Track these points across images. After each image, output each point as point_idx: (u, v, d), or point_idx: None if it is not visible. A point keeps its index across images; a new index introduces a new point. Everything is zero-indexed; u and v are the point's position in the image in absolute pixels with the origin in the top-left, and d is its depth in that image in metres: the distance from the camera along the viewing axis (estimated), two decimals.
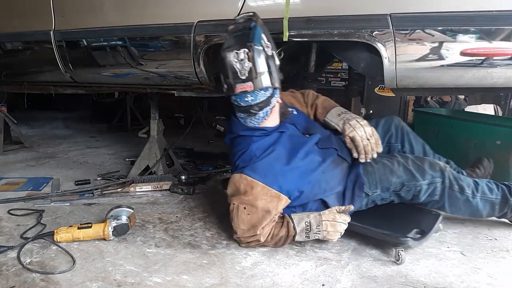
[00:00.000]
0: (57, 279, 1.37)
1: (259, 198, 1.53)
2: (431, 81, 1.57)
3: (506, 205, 1.70)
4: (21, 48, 2.58)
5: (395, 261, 1.52)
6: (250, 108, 1.57)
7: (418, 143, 1.96)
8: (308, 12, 1.64)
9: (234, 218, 1.58)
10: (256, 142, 1.64)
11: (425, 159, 1.74)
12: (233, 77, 1.52)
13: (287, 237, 1.57)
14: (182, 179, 2.39)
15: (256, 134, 1.66)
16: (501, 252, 1.65)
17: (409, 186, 1.67)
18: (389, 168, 1.70)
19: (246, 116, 1.63)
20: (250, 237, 1.57)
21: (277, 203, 1.56)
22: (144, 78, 2.24)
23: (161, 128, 2.65)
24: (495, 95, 3.78)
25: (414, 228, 1.60)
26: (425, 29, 1.47)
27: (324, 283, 1.38)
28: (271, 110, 1.63)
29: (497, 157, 2.09)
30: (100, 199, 2.18)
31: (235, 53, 1.48)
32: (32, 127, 4.41)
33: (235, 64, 1.49)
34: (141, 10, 2.05)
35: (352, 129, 1.71)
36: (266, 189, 1.55)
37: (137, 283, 1.36)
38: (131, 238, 1.70)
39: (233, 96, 1.57)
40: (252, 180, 1.55)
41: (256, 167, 1.58)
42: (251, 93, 1.53)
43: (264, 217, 1.54)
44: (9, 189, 2.30)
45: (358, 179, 1.69)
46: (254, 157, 1.60)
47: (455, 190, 1.67)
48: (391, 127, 1.96)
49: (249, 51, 1.47)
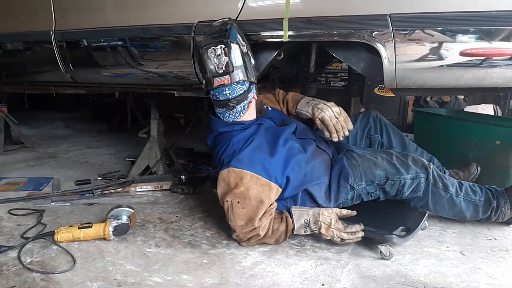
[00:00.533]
0: (58, 279, 1.37)
1: (250, 188, 1.56)
2: (430, 81, 1.58)
3: (490, 207, 1.74)
4: (22, 48, 2.58)
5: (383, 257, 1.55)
6: (228, 101, 1.62)
7: (397, 135, 2.04)
8: (308, 12, 1.64)
9: (230, 216, 1.59)
10: (236, 136, 1.69)
11: (408, 155, 1.77)
12: (210, 72, 1.58)
13: (287, 231, 1.60)
14: (182, 179, 2.39)
15: (235, 128, 1.71)
16: (500, 252, 1.65)
17: (393, 180, 1.70)
18: (373, 161, 1.74)
19: (224, 111, 1.68)
20: (250, 232, 1.57)
21: (269, 191, 1.58)
22: (145, 78, 2.24)
23: (161, 128, 2.65)
24: (495, 95, 3.78)
25: (400, 225, 1.62)
26: (424, 29, 1.47)
27: (324, 283, 1.39)
28: (248, 104, 1.69)
29: (497, 157, 2.10)
30: (100, 199, 2.18)
31: (213, 49, 1.55)
32: (32, 127, 4.42)
33: (213, 59, 1.56)
34: (141, 11, 2.06)
35: (320, 111, 1.77)
36: (255, 177, 1.57)
37: (137, 282, 1.37)
38: (132, 238, 1.70)
39: (212, 90, 1.63)
40: (240, 170, 1.58)
41: (240, 157, 1.61)
42: (229, 86, 1.59)
43: (259, 208, 1.56)
44: (10, 189, 2.30)
45: (343, 170, 1.73)
46: (236, 149, 1.65)
47: (439, 187, 1.70)
48: (369, 120, 2.05)
49: (225, 47, 1.54)
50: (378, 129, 2.04)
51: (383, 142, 2.03)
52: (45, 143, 3.68)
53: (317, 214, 1.59)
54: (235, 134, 1.70)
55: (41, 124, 4.58)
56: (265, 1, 1.79)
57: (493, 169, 2.07)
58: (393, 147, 2.01)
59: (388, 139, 2.03)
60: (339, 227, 1.58)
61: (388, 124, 2.06)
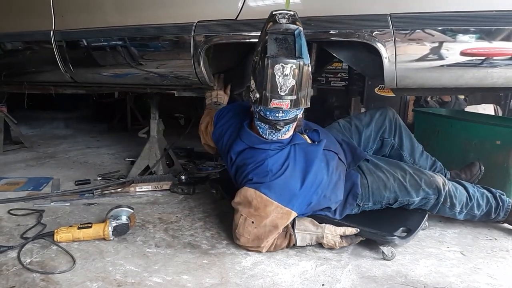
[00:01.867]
0: (57, 279, 1.37)
1: (271, 215, 1.51)
2: (431, 81, 1.57)
3: (487, 218, 1.79)
4: (21, 48, 2.58)
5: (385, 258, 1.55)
6: (276, 123, 1.47)
7: (407, 137, 1.99)
8: (308, 12, 1.64)
9: (239, 227, 1.56)
10: (272, 156, 1.55)
11: (423, 174, 1.73)
12: (271, 90, 1.37)
13: (288, 246, 1.60)
14: (182, 179, 2.38)
15: (272, 147, 1.57)
16: (501, 252, 1.65)
17: (402, 201, 1.71)
18: (383, 183, 1.71)
19: (267, 128, 1.52)
20: (252, 247, 1.58)
21: (287, 220, 1.55)
22: (144, 78, 2.24)
23: (161, 128, 2.65)
24: (495, 95, 3.77)
25: (401, 226, 1.62)
26: (425, 29, 1.47)
27: (324, 283, 1.38)
28: (293, 125, 1.56)
29: (497, 157, 2.09)
30: (100, 199, 2.18)
31: (281, 66, 1.34)
32: (32, 127, 4.41)
33: (278, 78, 1.35)
34: (141, 10, 2.05)
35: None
36: (280, 207, 1.51)
37: (137, 283, 1.36)
38: (131, 238, 1.70)
39: (263, 108, 1.44)
40: (267, 199, 1.49)
41: (272, 185, 1.51)
42: (285, 110, 1.42)
43: (271, 232, 1.53)
44: (9, 189, 2.30)
45: (353, 188, 1.69)
46: (270, 173, 1.52)
47: (446, 206, 1.72)
48: (385, 121, 1.97)
49: (296, 68, 1.34)
50: (392, 132, 1.96)
51: (394, 144, 1.97)
52: (45, 143, 3.68)
53: (320, 237, 1.58)
54: (271, 154, 1.56)
55: (41, 124, 4.57)
56: (265, 1, 1.78)
57: (493, 169, 2.07)
58: (403, 150, 1.97)
59: (399, 142, 1.97)
60: (343, 245, 1.59)
61: (403, 126, 1.98)
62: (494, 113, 3.64)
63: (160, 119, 2.64)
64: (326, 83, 4.03)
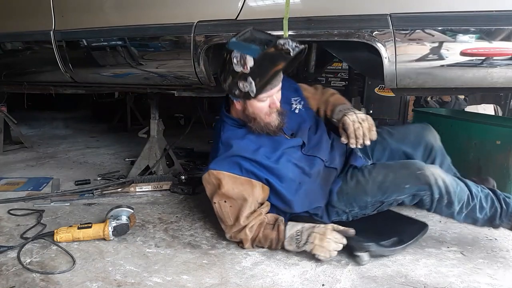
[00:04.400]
0: (57, 279, 1.37)
1: (231, 187, 1.55)
2: (431, 81, 1.57)
3: (491, 224, 1.61)
4: (21, 48, 2.58)
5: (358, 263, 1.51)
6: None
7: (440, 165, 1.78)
8: (308, 12, 1.64)
9: (220, 216, 1.61)
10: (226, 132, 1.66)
11: (410, 168, 1.60)
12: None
13: (278, 241, 1.55)
14: (182, 179, 2.39)
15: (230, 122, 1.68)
16: (501, 252, 1.65)
17: (389, 201, 1.63)
18: (362, 188, 1.64)
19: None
20: (238, 232, 1.57)
21: (252, 189, 1.56)
22: (144, 78, 2.24)
23: (161, 128, 2.65)
24: (495, 95, 3.78)
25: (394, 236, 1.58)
26: (425, 29, 1.47)
27: (324, 283, 1.38)
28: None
29: (497, 157, 2.09)
30: (100, 199, 2.18)
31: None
32: (32, 127, 4.42)
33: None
34: (141, 10, 2.05)
35: (343, 114, 1.65)
36: (232, 176, 1.56)
37: (137, 283, 1.36)
38: (131, 238, 1.70)
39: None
40: (218, 172, 1.57)
41: (218, 159, 1.60)
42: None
43: (243, 205, 1.55)
44: (9, 189, 2.30)
45: (330, 196, 1.68)
46: (221, 146, 1.63)
47: (443, 203, 1.57)
48: (419, 146, 1.82)
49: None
50: (425, 158, 1.80)
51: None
52: (45, 143, 3.68)
53: (311, 227, 1.53)
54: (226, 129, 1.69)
55: (41, 124, 4.57)
56: (265, 1, 1.78)
57: (493, 169, 2.07)
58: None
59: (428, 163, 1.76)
60: (336, 236, 1.48)
61: (440, 153, 1.82)
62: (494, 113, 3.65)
63: (160, 119, 2.64)
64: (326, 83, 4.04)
